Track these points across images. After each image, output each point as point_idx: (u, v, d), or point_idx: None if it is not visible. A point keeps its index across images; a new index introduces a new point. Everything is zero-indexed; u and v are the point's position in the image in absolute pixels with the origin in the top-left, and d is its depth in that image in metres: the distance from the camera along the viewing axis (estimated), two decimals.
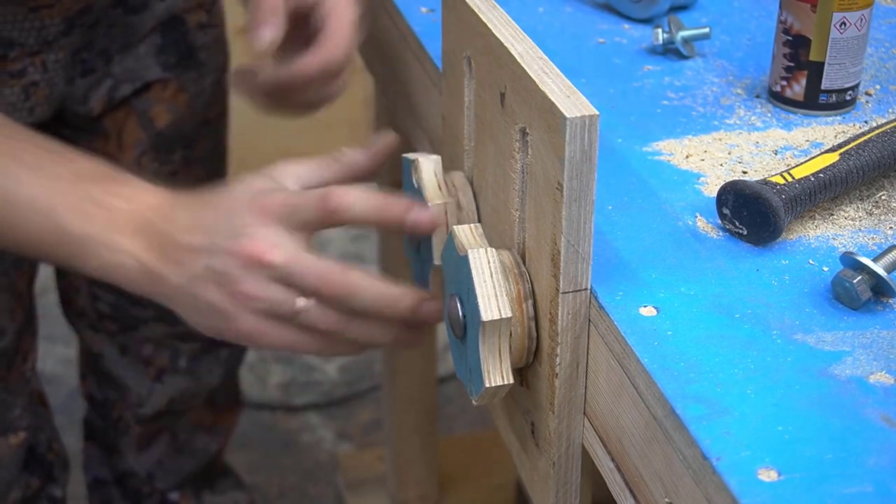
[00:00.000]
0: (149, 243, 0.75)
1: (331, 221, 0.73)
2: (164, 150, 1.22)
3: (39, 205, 0.76)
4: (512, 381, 0.68)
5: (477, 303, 0.65)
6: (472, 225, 0.71)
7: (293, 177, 0.78)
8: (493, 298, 0.66)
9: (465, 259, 0.67)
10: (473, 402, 0.70)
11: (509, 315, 0.66)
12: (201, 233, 0.74)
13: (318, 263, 0.73)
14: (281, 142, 2.64)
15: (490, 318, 0.65)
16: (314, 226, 0.74)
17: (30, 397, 1.18)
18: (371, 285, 0.73)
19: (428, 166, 0.77)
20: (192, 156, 1.25)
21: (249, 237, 0.72)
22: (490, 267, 0.66)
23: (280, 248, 0.72)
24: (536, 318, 0.67)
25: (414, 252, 0.82)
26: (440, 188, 0.76)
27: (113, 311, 1.29)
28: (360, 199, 0.73)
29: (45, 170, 0.78)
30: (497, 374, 0.67)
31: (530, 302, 0.67)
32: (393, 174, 1.40)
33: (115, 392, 1.33)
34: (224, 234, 0.73)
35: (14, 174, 0.77)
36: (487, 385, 0.67)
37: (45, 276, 1.40)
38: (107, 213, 0.76)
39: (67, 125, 1.17)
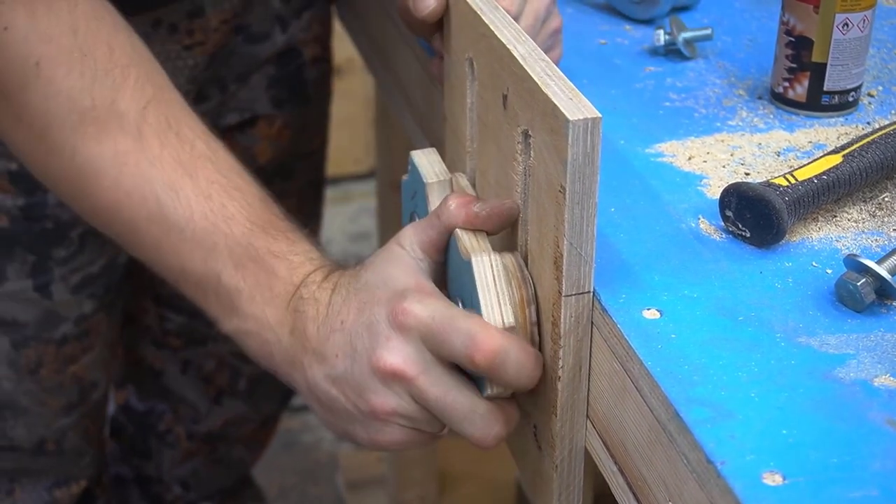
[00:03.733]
0: (294, 326, 0.72)
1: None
2: (260, 182, 1.19)
3: (202, 238, 0.73)
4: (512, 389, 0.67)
5: (480, 310, 0.65)
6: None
7: (410, 243, 0.71)
8: (496, 306, 0.65)
9: (469, 264, 0.67)
10: None
11: (512, 323, 0.65)
12: (342, 338, 0.69)
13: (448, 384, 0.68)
14: None
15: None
16: (452, 360, 0.67)
17: (99, 444, 1.18)
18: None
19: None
20: (288, 188, 1.22)
21: (388, 350, 0.67)
22: (493, 273, 0.66)
23: (415, 362, 0.67)
24: (539, 322, 0.67)
25: None
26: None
27: (180, 329, 1.27)
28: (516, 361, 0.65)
29: (215, 201, 0.74)
30: None
31: (533, 307, 0.67)
32: (394, 174, 1.40)
33: (166, 405, 1.32)
34: (364, 344, 0.68)
35: (185, 195, 0.74)
36: (489, 392, 0.67)
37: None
38: (265, 276, 0.73)
39: None
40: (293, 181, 1.23)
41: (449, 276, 0.73)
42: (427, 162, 0.77)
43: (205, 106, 1.10)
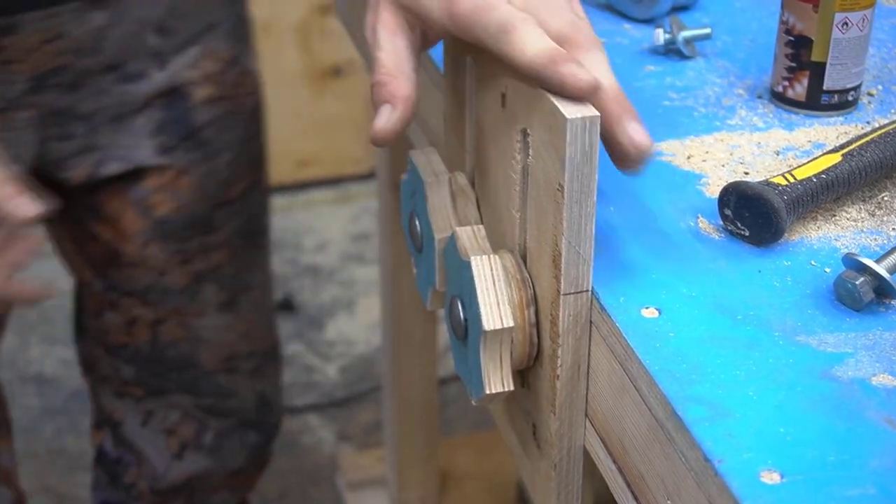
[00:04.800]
0: None
1: None
2: (173, 238, 1.13)
3: None
4: (512, 387, 0.67)
5: (479, 311, 0.65)
6: (475, 227, 0.70)
7: None
8: (495, 307, 0.65)
9: (468, 265, 0.67)
10: (473, 402, 0.70)
11: (511, 325, 0.65)
12: None
13: None
14: (281, 142, 2.64)
15: (492, 328, 0.65)
16: None
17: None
18: None
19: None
20: (211, 242, 1.16)
21: None
22: (493, 274, 0.66)
23: None
24: (538, 322, 0.67)
25: (416, 252, 0.81)
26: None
27: (136, 380, 1.23)
28: None
29: None
30: (497, 380, 0.67)
31: (532, 308, 0.67)
32: (394, 174, 1.40)
33: (132, 457, 1.27)
34: None
35: None
36: (487, 392, 0.67)
37: (53, 278, 1.39)
38: None
39: (69, 197, 1.10)
40: (214, 234, 1.16)
41: (448, 275, 0.73)
42: (426, 161, 0.77)
43: (73, 144, 1.04)
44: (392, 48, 0.69)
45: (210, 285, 1.19)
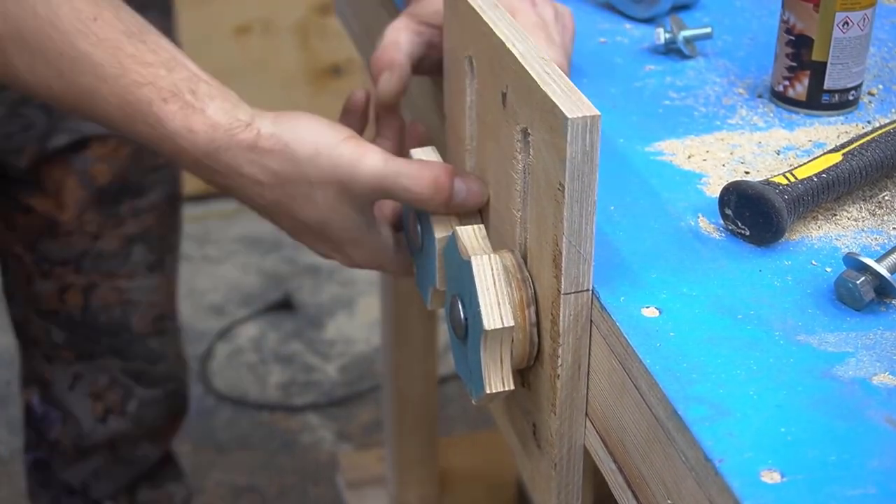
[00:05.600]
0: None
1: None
2: (107, 204, 1.21)
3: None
4: (512, 387, 0.67)
5: (479, 311, 0.65)
6: (475, 227, 0.70)
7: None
8: (495, 307, 0.65)
9: (468, 264, 0.66)
10: (473, 401, 0.70)
11: (512, 324, 0.65)
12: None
13: None
14: None
15: (493, 328, 0.65)
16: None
17: None
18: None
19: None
20: (142, 205, 1.23)
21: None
22: (493, 274, 0.66)
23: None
24: (538, 321, 0.67)
25: (416, 251, 0.81)
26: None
27: (67, 343, 1.28)
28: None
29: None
30: (498, 380, 0.67)
31: (533, 308, 0.67)
32: None
33: (58, 414, 1.32)
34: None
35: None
36: (488, 391, 0.67)
37: None
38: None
39: (4, 175, 1.15)
40: (145, 198, 1.23)
41: (448, 274, 0.73)
42: (424, 159, 0.77)
43: (33, 132, 1.09)
44: (393, 38, 0.81)
45: (140, 247, 1.26)
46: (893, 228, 0.71)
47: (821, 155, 0.73)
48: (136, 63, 0.73)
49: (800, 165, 0.71)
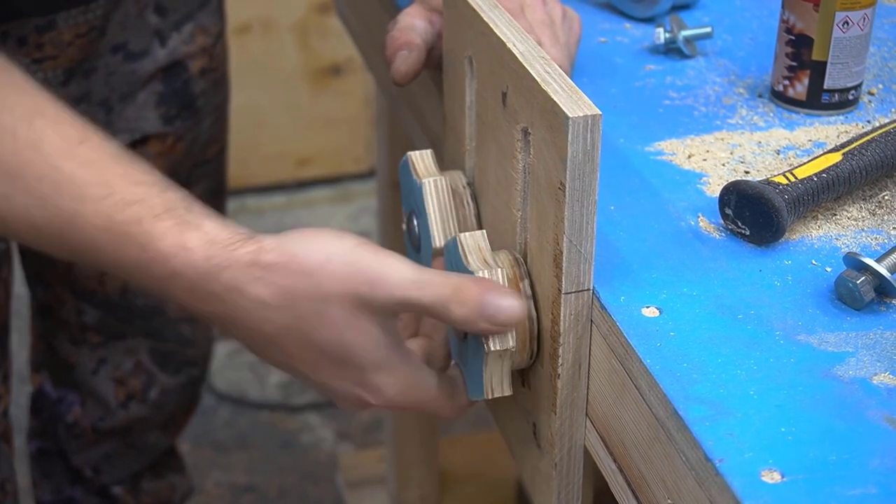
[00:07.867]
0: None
1: None
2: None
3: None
4: (511, 392, 0.67)
5: None
6: (479, 233, 0.69)
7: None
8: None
9: (472, 274, 0.66)
10: (469, 397, 0.70)
11: (513, 346, 0.65)
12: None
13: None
14: (280, 142, 2.64)
15: (494, 349, 0.65)
16: None
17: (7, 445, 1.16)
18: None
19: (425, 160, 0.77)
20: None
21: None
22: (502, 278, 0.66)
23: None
24: (538, 320, 0.67)
25: (415, 252, 0.81)
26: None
27: (98, 325, 1.28)
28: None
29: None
30: (497, 386, 0.67)
31: (533, 309, 0.67)
32: (394, 173, 1.40)
33: (77, 395, 1.32)
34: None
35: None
36: (488, 397, 0.67)
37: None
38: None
39: None
40: (191, 189, 1.22)
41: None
42: (421, 162, 0.77)
43: None
44: (408, 21, 0.81)
45: None
46: (893, 228, 0.71)
47: (821, 154, 0.73)
48: (127, 182, 0.66)
49: (800, 165, 0.71)
